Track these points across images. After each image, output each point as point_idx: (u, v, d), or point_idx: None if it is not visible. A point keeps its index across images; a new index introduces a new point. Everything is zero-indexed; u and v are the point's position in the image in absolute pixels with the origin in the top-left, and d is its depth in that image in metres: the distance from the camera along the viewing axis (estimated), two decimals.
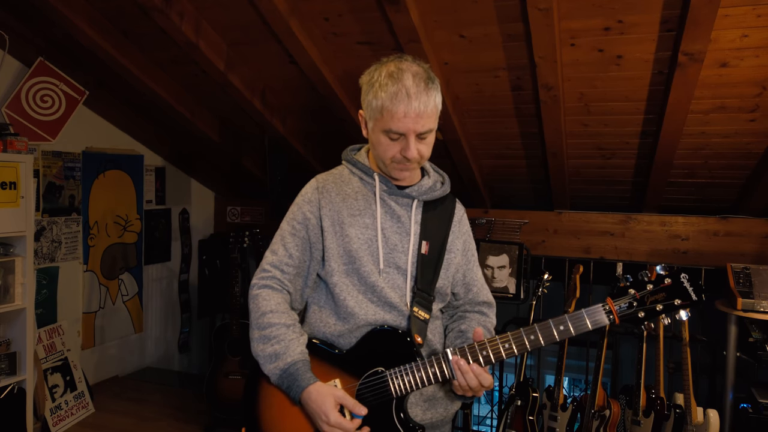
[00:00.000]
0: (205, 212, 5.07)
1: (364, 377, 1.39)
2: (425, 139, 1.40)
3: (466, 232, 1.59)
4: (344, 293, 1.44)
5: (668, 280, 1.29)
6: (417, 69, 1.38)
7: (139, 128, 4.27)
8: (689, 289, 1.28)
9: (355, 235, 1.45)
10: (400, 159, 1.40)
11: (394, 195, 1.49)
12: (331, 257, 1.45)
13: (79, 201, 3.94)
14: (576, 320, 1.32)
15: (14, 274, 2.95)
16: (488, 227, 3.93)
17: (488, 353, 1.35)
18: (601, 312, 1.32)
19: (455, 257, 1.53)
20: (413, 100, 1.33)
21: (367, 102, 1.41)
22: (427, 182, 1.52)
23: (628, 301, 1.30)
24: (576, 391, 6.21)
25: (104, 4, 2.90)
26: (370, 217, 1.47)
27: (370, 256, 1.44)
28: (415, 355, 1.39)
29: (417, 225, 1.49)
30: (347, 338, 1.45)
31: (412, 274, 1.46)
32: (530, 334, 1.33)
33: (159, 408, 3.85)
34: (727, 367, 3.06)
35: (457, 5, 2.45)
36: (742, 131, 2.88)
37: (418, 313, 1.44)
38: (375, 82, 1.39)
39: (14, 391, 2.97)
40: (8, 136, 2.99)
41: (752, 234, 3.45)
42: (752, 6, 2.20)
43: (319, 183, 1.52)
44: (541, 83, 2.70)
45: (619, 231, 3.73)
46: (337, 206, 1.48)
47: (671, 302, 1.28)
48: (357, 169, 1.52)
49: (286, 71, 3.15)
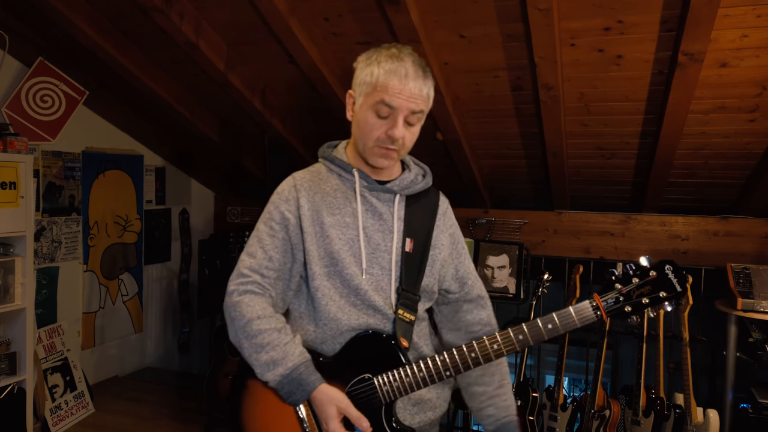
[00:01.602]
0: (205, 212, 5.07)
1: (351, 384, 1.35)
2: (413, 126, 1.37)
3: (452, 225, 1.54)
4: (326, 298, 1.38)
5: (653, 272, 1.29)
6: (417, 58, 1.37)
7: (139, 128, 4.27)
8: (674, 280, 1.27)
9: (336, 236, 1.39)
10: (384, 140, 1.35)
11: (375, 191, 1.43)
12: (312, 260, 1.39)
13: (79, 201, 3.94)
14: (563, 318, 1.30)
15: (14, 274, 2.95)
16: (488, 227, 3.93)
17: (477, 355, 1.32)
18: (588, 308, 1.30)
19: (440, 253, 1.48)
20: (411, 80, 1.32)
21: (360, 79, 1.37)
22: (409, 176, 1.47)
23: (615, 297, 1.29)
24: (576, 391, 6.21)
25: (104, 4, 2.90)
26: (350, 215, 1.41)
27: (352, 257, 1.38)
28: (402, 360, 1.35)
29: (400, 221, 1.43)
30: (330, 344, 1.39)
31: (396, 274, 1.40)
32: (518, 333, 1.31)
33: (159, 408, 3.85)
34: (727, 367, 3.05)
35: (457, 5, 2.45)
36: (742, 131, 2.88)
37: (404, 315, 1.39)
38: (373, 60, 1.36)
39: (14, 391, 2.97)
40: (8, 136, 2.99)
41: (752, 234, 3.45)
42: (752, 6, 2.20)
43: (296, 181, 1.45)
44: (541, 83, 2.70)
45: (619, 231, 3.73)
46: (316, 205, 1.41)
47: (657, 295, 1.28)
48: (335, 165, 1.45)
49: (286, 71, 3.15)
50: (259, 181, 4.46)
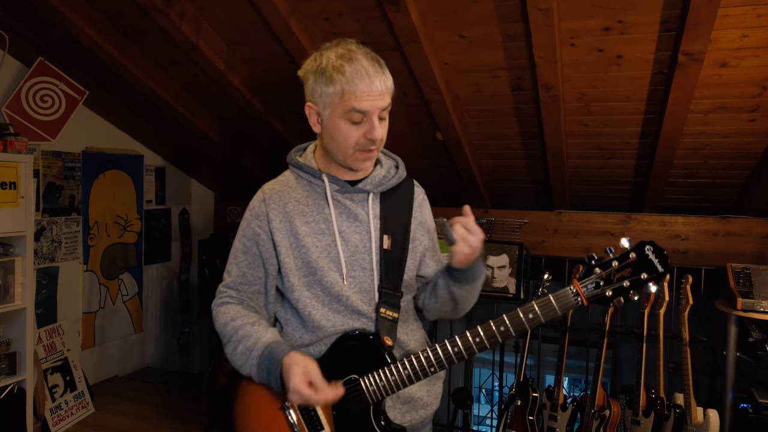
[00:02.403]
0: (205, 212, 5.07)
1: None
2: (384, 120, 1.35)
3: (428, 215, 1.53)
4: (308, 308, 1.38)
5: (633, 254, 1.25)
6: (366, 50, 1.33)
7: (139, 128, 4.27)
8: (655, 261, 1.23)
9: (312, 245, 1.37)
10: (364, 143, 1.32)
11: (347, 192, 1.41)
12: (289, 272, 1.38)
13: (79, 201, 3.94)
14: (544, 306, 1.28)
15: (14, 274, 2.95)
16: (488, 227, 3.93)
17: (459, 349, 1.30)
18: (568, 295, 1.27)
19: (420, 245, 1.47)
20: (374, 78, 1.28)
21: (320, 91, 1.33)
22: (380, 172, 1.44)
23: (595, 281, 1.26)
24: (576, 391, 6.20)
25: (104, 4, 2.90)
26: (324, 221, 1.39)
27: (331, 263, 1.37)
28: (386, 358, 1.34)
29: (376, 219, 1.41)
30: (317, 347, 1.40)
31: (377, 273, 1.39)
32: (500, 325, 1.29)
33: (159, 408, 3.85)
34: (727, 367, 3.05)
35: (457, 5, 2.45)
36: (742, 131, 2.88)
37: (386, 313, 1.38)
38: (326, 67, 1.31)
39: (14, 391, 2.97)
40: (8, 136, 2.99)
41: (752, 234, 3.45)
42: (752, 6, 2.20)
43: (265, 194, 1.44)
44: (541, 83, 2.70)
45: (619, 231, 3.73)
46: (288, 215, 1.40)
47: (638, 277, 1.24)
48: (303, 172, 1.44)
49: (286, 71, 3.15)
50: (260, 182, 4.45)
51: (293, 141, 3.77)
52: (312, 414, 1.35)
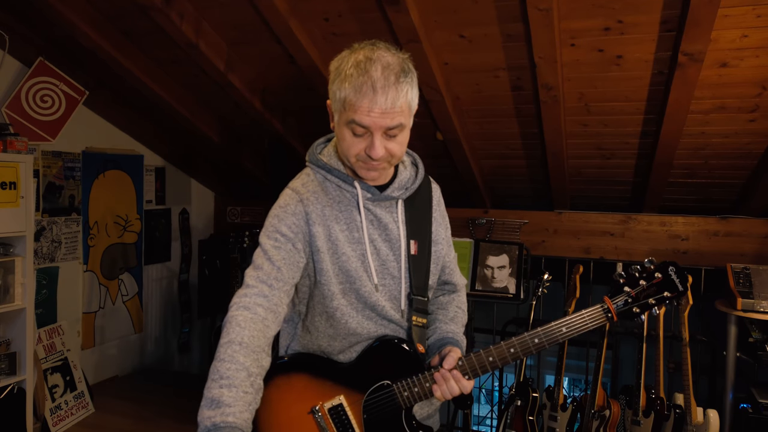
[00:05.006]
0: (205, 212, 5.07)
1: (370, 391, 1.36)
2: (395, 137, 1.24)
3: (444, 214, 1.50)
4: (345, 317, 1.36)
5: (658, 274, 1.38)
6: (390, 60, 1.22)
7: (139, 128, 4.27)
8: (676, 281, 1.37)
9: (350, 252, 1.34)
10: (364, 158, 1.25)
11: (377, 200, 1.37)
12: (329, 280, 1.33)
13: (79, 201, 3.94)
14: (576, 321, 1.34)
15: (14, 274, 2.95)
16: (488, 227, 3.93)
17: (494, 359, 1.34)
18: (599, 312, 1.36)
19: (442, 247, 1.47)
20: (379, 95, 1.18)
21: (333, 92, 1.26)
22: (404, 174, 1.41)
23: (624, 299, 1.38)
24: (576, 391, 6.21)
25: (104, 4, 2.90)
26: (357, 230, 1.35)
27: (364, 273, 1.35)
28: (421, 366, 1.36)
29: (403, 225, 1.39)
30: (348, 353, 1.40)
31: (406, 280, 1.39)
32: (534, 337, 1.34)
33: (158, 408, 3.84)
34: (727, 367, 3.06)
35: (457, 5, 2.45)
36: (742, 131, 2.88)
37: (417, 320, 1.39)
38: (342, 70, 1.23)
39: (14, 391, 2.97)
40: (8, 136, 2.99)
41: (752, 234, 3.45)
42: (752, 6, 2.20)
43: (300, 195, 1.34)
44: (541, 83, 2.70)
45: (619, 231, 3.73)
46: (326, 221, 1.33)
47: (662, 295, 1.37)
48: (333, 176, 1.36)
49: (286, 71, 3.15)
50: (259, 182, 4.46)
51: (293, 141, 3.77)
52: (343, 418, 1.36)
